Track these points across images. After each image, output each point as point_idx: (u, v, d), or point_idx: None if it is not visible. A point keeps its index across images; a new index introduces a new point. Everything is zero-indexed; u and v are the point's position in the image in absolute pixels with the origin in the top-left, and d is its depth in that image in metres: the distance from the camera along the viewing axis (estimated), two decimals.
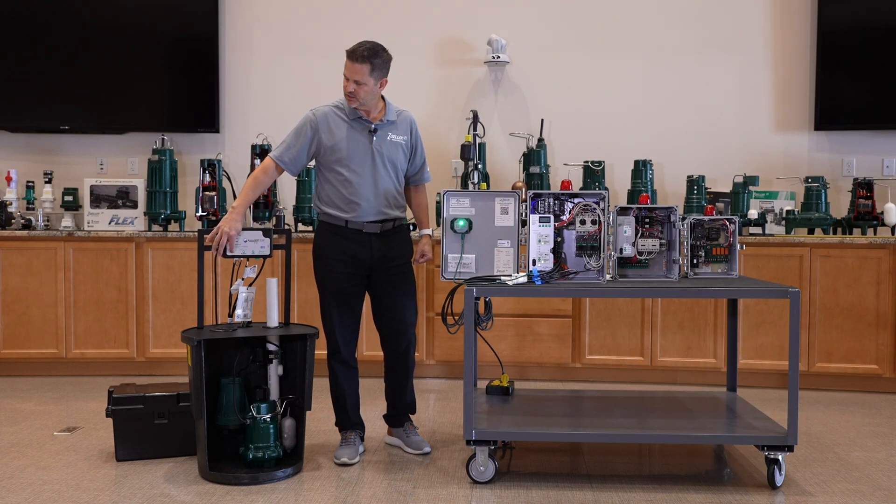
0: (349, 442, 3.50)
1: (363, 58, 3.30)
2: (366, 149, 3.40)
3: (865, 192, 4.96)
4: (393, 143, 3.45)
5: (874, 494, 3.11)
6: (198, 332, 3.26)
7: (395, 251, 3.48)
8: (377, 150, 3.40)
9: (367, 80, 3.31)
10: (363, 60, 3.29)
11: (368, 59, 3.30)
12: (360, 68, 3.30)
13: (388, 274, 3.48)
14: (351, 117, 3.41)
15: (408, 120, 3.53)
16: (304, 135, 3.42)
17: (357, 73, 3.30)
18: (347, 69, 3.33)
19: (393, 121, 3.46)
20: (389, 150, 3.44)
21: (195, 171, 5.43)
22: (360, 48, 3.32)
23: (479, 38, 5.43)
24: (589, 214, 3.24)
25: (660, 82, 5.40)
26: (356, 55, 3.30)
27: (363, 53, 3.30)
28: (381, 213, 3.44)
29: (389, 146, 3.44)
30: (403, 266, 3.52)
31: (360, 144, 3.40)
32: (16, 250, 5.03)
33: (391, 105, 3.48)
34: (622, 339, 4.91)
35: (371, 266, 3.46)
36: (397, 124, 3.47)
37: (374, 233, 3.43)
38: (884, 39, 5.15)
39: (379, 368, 3.75)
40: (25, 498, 3.02)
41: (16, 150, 5.59)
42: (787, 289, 3.09)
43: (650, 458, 3.58)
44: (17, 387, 4.83)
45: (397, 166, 3.47)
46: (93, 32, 5.40)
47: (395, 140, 3.45)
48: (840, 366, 4.78)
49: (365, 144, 3.40)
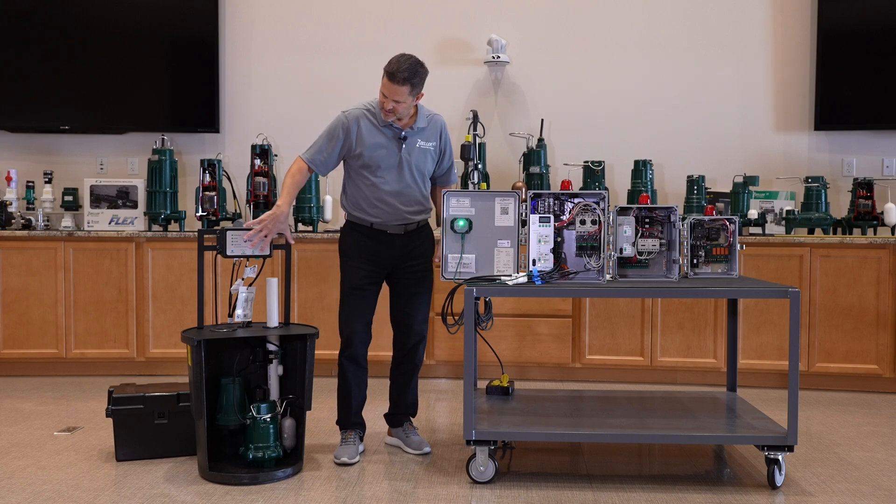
0: (349, 442, 3.51)
1: (404, 80, 3.23)
2: (395, 156, 3.40)
3: (865, 192, 4.96)
4: (422, 150, 3.44)
5: (874, 494, 3.11)
6: (198, 332, 3.26)
7: (417, 250, 3.51)
8: (406, 158, 3.40)
9: (405, 99, 3.28)
10: (404, 82, 3.23)
11: (409, 80, 3.24)
12: (400, 90, 3.24)
13: (408, 272, 3.51)
14: (382, 123, 3.39)
15: (438, 125, 3.51)
16: (336, 138, 3.39)
17: (397, 93, 3.25)
18: (386, 89, 3.26)
19: (423, 127, 3.44)
20: (418, 157, 3.44)
21: (195, 171, 5.43)
22: (399, 69, 3.22)
23: (479, 38, 5.43)
24: (589, 214, 3.24)
25: (660, 82, 5.40)
26: (396, 77, 3.22)
27: (403, 75, 3.22)
28: (406, 218, 3.46)
29: (418, 153, 3.43)
30: (424, 266, 3.54)
31: (389, 151, 3.39)
32: (16, 250, 5.02)
33: (422, 110, 3.47)
34: (622, 339, 4.91)
35: (393, 264, 3.49)
36: (427, 130, 3.46)
37: (398, 234, 3.46)
38: (884, 39, 5.15)
39: (383, 369, 3.75)
40: (25, 498, 3.02)
41: (16, 150, 5.59)
42: (787, 289, 3.09)
43: (650, 458, 3.58)
44: (17, 387, 4.83)
45: (424, 173, 3.48)
46: (93, 32, 5.40)
47: (423, 147, 3.45)
48: (840, 366, 4.78)
49: (394, 151, 3.40)
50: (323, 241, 4.94)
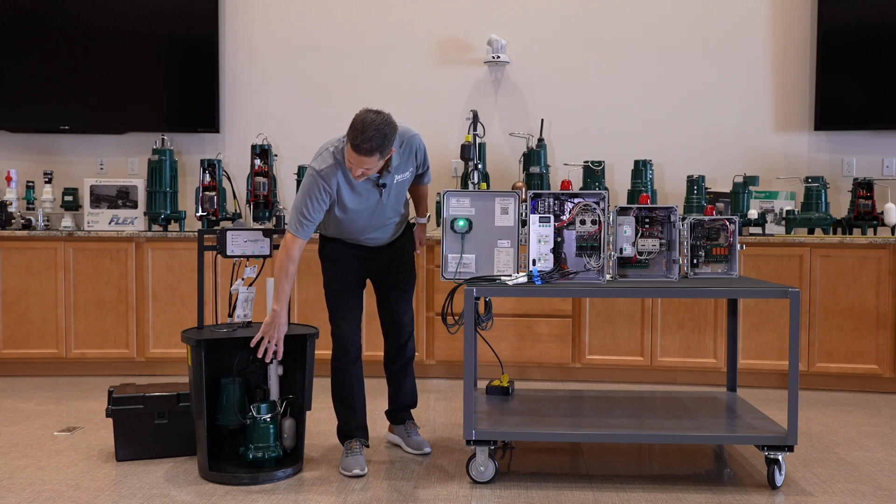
0: (354, 451, 3.37)
1: (369, 150, 3.01)
2: (375, 200, 3.27)
3: (865, 192, 4.96)
4: (400, 183, 3.31)
5: (874, 494, 3.11)
6: (198, 332, 3.26)
7: (400, 252, 3.51)
8: (385, 200, 3.29)
9: (375, 165, 3.09)
10: (370, 153, 3.02)
11: (376, 149, 3.02)
12: (367, 160, 3.05)
13: (395, 273, 3.50)
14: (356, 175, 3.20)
15: (411, 148, 3.28)
16: (320, 202, 3.18)
17: (365, 163, 3.06)
18: (353, 159, 3.05)
19: (398, 163, 3.25)
20: (397, 190, 3.32)
21: (195, 171, 5.43)
22: (364, 143, 2.99)
23: (479, 38, 5.43)
24: (589, 214, 3.24)
25: (660, 82, 5.40)
26: (361, 149, 3.01)
27: (368, 146, 3.00)
28: (387, 240, 3.43)
29: (397, 188, 3.31)
30: (409, 265, 3.55)
31: (368, 200, 3.26)
32: (16, 250, 5.02)
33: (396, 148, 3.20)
34: (622, 339, 4.91)
35: (379, 271, 3.48)
36: (403, 163, 3.27)
37: (382, 247, 3.43)
38: (884, 39, 5.15)
39: (377, 369, 3.75)
40: (25, 498, 3.02)
41: (16, 150, 5.59)
42: (787, 289, 3.09)
43: (650, 458, 3.58)
44: (17, 387, 4.83)
45: (402, 197, 3.39)
46: (93, 32, 5.40)
47: (402, 179, 3.31)
48: (840, 366, 4.78)
49: (374, 197, 3.26)
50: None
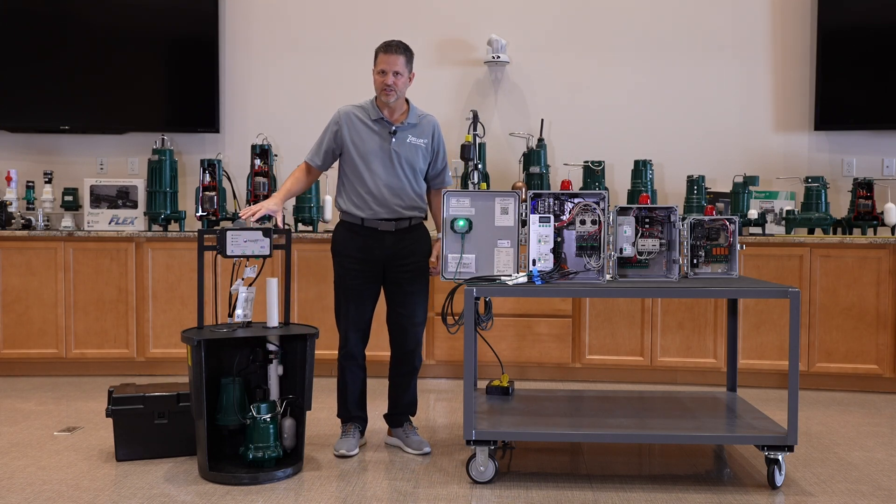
0: (348, 434, 3.56)
1: (400, 49, 3.43)
2: (384, 149, 3.47)
3: (865, 192, 4.96)
4: (412, 145, 3.51)
5: (874, 494, 3.11)
6: (198, 332, 3.26)
7: (408, 248, 3.52)
8: (395, 150, 3.47)
9: (403, 71, 3.44)
10: (399, 51, 3.43)
11: (404, 51, 3.45)
12: (397, 59, 3.41)
13: (401, 271, 3.52)
14: (373, 117, 3.49)
15: (431, 124, 3.59)
16: (328, 130, 3.55)
17: (395, 64, 3.40)
18: (384, 63, 3.42)
19: (414, 124, 3.53)
20: (408, 152, 3.50)
21: (195, 171, 5.43)
22: (393, 42, 3.45)
23: (479, 38, 5.43)
24: (589, 214, 3.24)
25: (660, 82, 5.40)
26: (391, 47, 3.43)
27: (398, 45, 3.44)
28: (396, 211, 3.49)
29: (408, 148, 3.50)
30: (417, 264, 3.54)
31: (378, 144, 3.47)
32: (16, 250, 5.02)
33: (414, 108, 3.56)
34: (622, 339, 4.91)
35: (384, 263, 3.51)
36: (419, 127, 3.54)
37: (389, 231, 3.48)
38: (884, 40, 5.15)
39: (382, 369, 3.75)
40: (25, 498, 3.02)
41: (16, 150, 5.59)
42: (787, 289, 3.09)
43: (650, 458, 3.58)
44: (17, 387, 4.83)
45: (415, 168, 3.52)
46: (93, 32, 5.40)
47: (414, 142, 3.52)
48: (840, 366, 4.78)
49: (384, 145, 3.47)
50: (323, 241, 4.94)
